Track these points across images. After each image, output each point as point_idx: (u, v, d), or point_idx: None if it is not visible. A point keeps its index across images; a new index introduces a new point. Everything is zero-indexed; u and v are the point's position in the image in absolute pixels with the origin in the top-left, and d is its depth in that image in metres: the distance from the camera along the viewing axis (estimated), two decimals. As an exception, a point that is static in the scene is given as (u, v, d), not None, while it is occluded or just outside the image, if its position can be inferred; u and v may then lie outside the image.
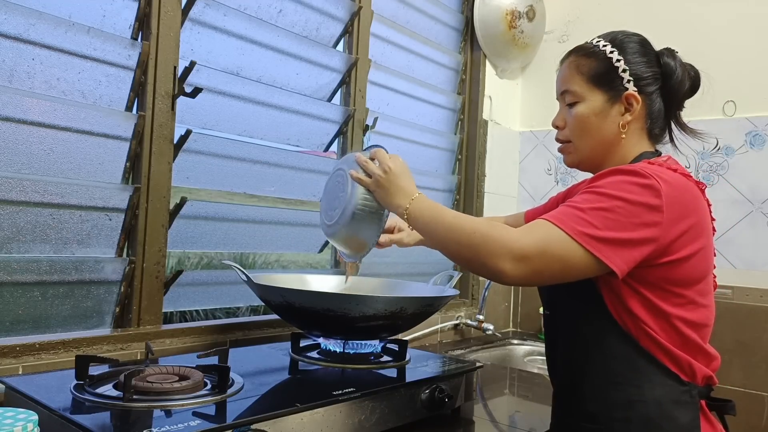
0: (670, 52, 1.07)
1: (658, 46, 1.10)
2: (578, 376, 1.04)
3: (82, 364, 0.95)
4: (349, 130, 1.77)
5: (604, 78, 1.05)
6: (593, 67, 1.06)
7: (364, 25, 1.81)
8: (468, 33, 2.28)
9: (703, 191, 1.01)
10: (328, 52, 1.71)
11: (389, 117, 1.92)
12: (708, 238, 0.99)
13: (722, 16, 2.03)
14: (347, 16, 1.77)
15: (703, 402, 1.00)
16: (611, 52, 1.05)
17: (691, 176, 1.01)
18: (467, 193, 2.27)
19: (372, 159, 1.12)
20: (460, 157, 2.27)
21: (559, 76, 1.12)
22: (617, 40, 1.06)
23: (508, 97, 2.44)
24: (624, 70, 1.03)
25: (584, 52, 1.08)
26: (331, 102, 1.76)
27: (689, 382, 0.98)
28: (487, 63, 2.31)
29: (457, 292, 1.37)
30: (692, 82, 1.07)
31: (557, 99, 1.13)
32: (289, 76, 1.63)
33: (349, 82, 1.78)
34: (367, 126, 1.81)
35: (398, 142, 2.00)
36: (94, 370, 0.97)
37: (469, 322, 2.12)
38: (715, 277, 1.05)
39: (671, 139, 1.11)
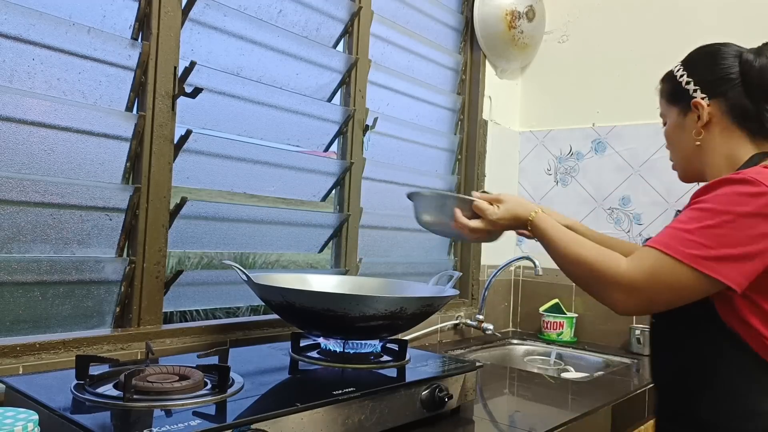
0: (757, 49, 1.06)
1: (657, 46, 1.10)
2: (691, 385, 1.03)
3: (82, 363, 0.95)
4: (349, 130, 1.77)
5: (675, 94, 1.12)
6: (667, 88, 1.15)
7: (364, 25, 1.81)
8: (468, 33, 2.28)
9: None
10: (328, 53, 1.71)
11: (389, 117, 1.93)
12: None
13: (721, 16, 2.04)
14: (347, 17, 1.77)
15: None
16: (677, 70, 1.13)
17: None
18: (467, 193, 2.27)
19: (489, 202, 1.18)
20: (459, 157, 2.27)
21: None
22: (687, 57, 1.14)
23: (508, 98, 2.44)
24: (687, 82, 1.09)
25: (663, 78, 1.18)
26: (331, 102, 1.76)
27: None
28: (487, 63, 2.31)
29: (457, 292, 1.37)
30: None
31: None
32: (289, 76, 1.63)
33: (349, 83, 1.78)
34: (367, 126, 1.81)
35: (398, 142, 2.00)
36: (95, 369, 0.97)
37: (468, 322, 2.12)
38: None
39: None
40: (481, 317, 2.12)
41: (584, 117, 2.31)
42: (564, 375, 1.88)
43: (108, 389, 0.92)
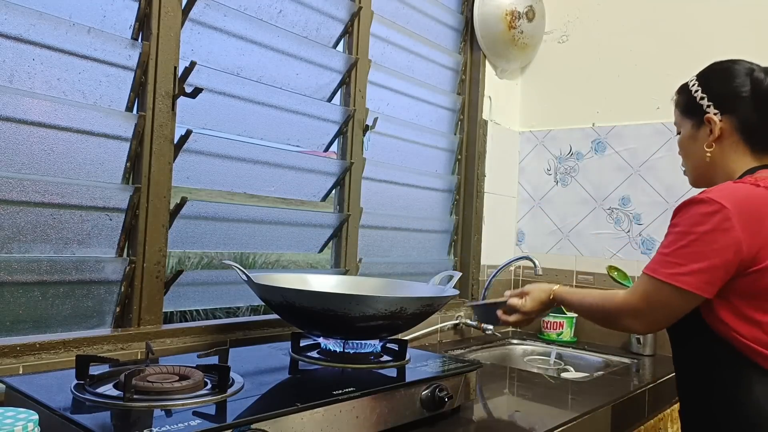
0: (766, 67, 1.17)
1: (657, 46, 1.12)
2: (688, 382, 1.19)
3: (82, 363, 0.95)
4: (349, 130, 1.78)
5: (689, 108, 1.21)
6: (682, 100, 1.24)
7: (364, 25, 1.81)
8: (468, 33, 2.28)
9: None
10: (328, 53, 1.71)
11: (389, 117, 1.93)
12: None
13: (720, 16, 2.04)
14: (347, 17, 1.77)
15: None
16: (693, 85, 1.21)
17: None
18: (467, 193, 2.27)
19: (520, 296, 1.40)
20: (459, 157, 2.27)
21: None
22: (702, 72, 1.22)
23: (508, 98, 2.44)
24: (702, 98, 1.18)
25: (678, 90, 1.26)
26: (331, 102, 1.76)
27: None
28: (487, 63, 2.31)
29: (457, 292, 1.37)
30: None
31: None
32: (289, 76, 1.63)
33: (349, 83, 1.78)
34: (367, 126, 1.81)
35: (398, 142, 2.00)
36: (95, 369, 0.97)
37: (468, 321, 2.12)
38: None
39: None
40: (481, 317, 2.12)
41: (584, 117, 2.31)
42: (564, 375, 1.88)
43: (108, 389, 0.92)
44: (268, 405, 0.91)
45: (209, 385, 0.96)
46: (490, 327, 2.08)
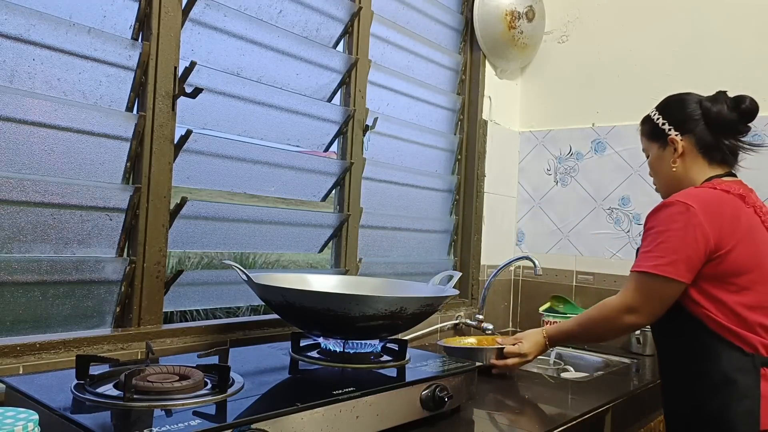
0: (714, 96, 1.38)
1: (657, 46, 1.15)
2: (665, 355, 1.38)
3: (82, 363, 0.95)
4: (349, 131, 1.78)
5: (654, 133, 1.43)
6: (647, 129, 1.47)
7: (364, 25, 1.81)
8: (467, 33, 2.28)
9: (745, 200, 1.31)
10: (328, 53, 1.71)
11: (389, 117, 1.93)
12: (746, 233, 1.26)
13: (720, 16, 2.04)
14: (347, 17, 1.77)
15: (766, 369, 1.24)
16: (654, 115, 1.44)
17: (730, 192, 1.30)
18: (467, 193, 2.27)
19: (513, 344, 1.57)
20: (459, 157, 2.27)
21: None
22: (660, 104, 1.45)
23: (508, 98, 2.44)
24: (663, 123, 1.41)
25: (643, 121, 1.48)
26: (331, 102, 1.76)
27: (751, 353, 1.23)
28: (487, 63, 2.31)
29: (457, 291, 1.37)
30: (740, 112, 1.36)
31: None
32: (290, 76, 1.63)
33: (349, 83, 1.78)
34: (367, 126, 1.81)
35: (398, 143, 2.00)
36: (95, 369, 0.98)
37: (468, 321, 2.12)
38: None
39: (730, 159, 1.38)
40: (481, 317, 2.12)
41: (584, 117, 2.31)
42: (564, 375, 1.88)
43: (108, 389, 0.92)
44: (268, 405, 0.91)
45: (209, 385, 0.96)
46: (490, 327, 2.09)
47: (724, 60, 2.02)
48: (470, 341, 1.80)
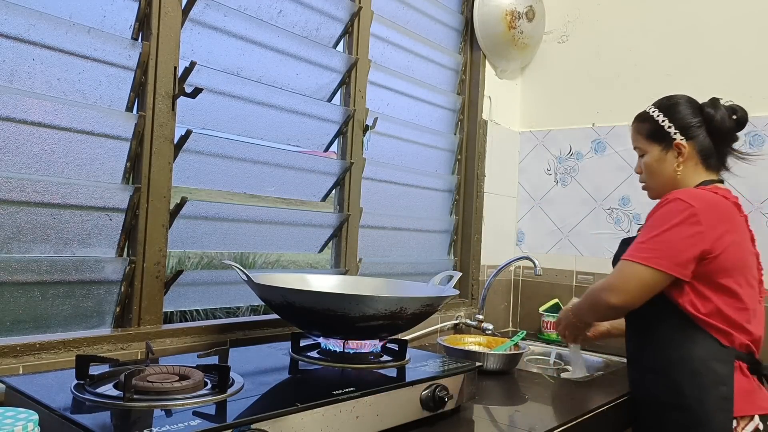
0: (712, 102, 1.42)
1: (657, 46, 1.14)
2: (644, 341, 1.42)
3: (82, 363, 0.95)
4: (349, 131, 1.78)
5: (657, 135, 1.44)
6: (646, 128, 1.47)
7: (364, 25, 1.81)
8: (468, 33, 2.28)
9: (738, 207, 1.38)
10: (328, 53, 1.71)
11: (389, 117, 1.93)
12: (738, 239, 1.34)
13: (719, 16, 2.04)
14: (347, 17, 1.77)
15: (742, 363, 1.33)
16: (656, 114, 1.44)
17: (728, 198, 1.37)
18: (467, 193, 2.27)
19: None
20: (459, 157, 2.27)
21: (631, 135, 1.53)
22: (662, 105, 1.46)
23: (508, 98, 2.44)
24: (669, 126, 1.42)
25: (641, 119, 1.49)
26: (331, 102, 1.76)
27: (728, 346, 1.32)
28: (487, 63, 2.31)
29: (457, 291, 1.37)
30: (736, 120, 1.42)
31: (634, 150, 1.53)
32: (290, 76, 1.63)
33: (349, 83, 1.78)
34: (367, 126, 1.81)
35: (398, 143, 2.00)
36: (95, 369, 0.97)
37: (468, 321, 2.12)
38: (762, 286, 1.42)
39: (724, 166, 1.45)
40: (481, 317, 2.12)
41: (584, 117, 2.31)
42: (564, 375, 1.88)
43: (108, 389, 0.92)
44: (268, 405, 0.91)
45: (209, 385, 0.96)
46: (490, 327, 2.08)
47: (724, 60, 2.02)
48: (477, 341, 1.83)
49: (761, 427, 1.31)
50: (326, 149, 1.75)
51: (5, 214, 1.12)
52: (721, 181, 1.45)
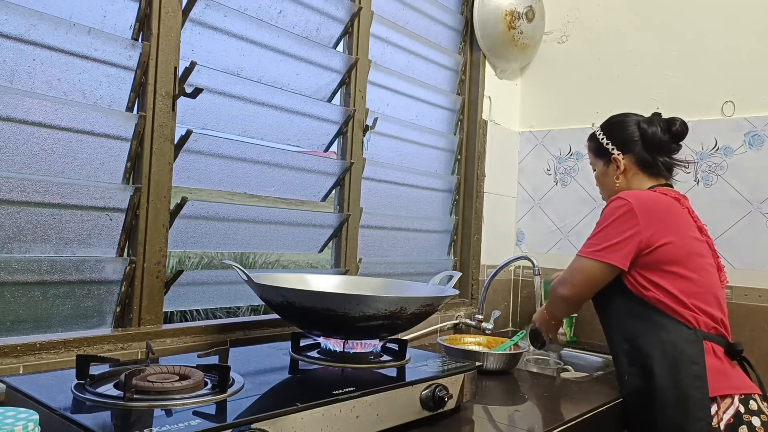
0: (649, 119, 1.58)
1: (657, 46, 1.14)
2: (617, 335, 1.51)
3: (82, 363, 0.95)
4: (349, 131, 1.78)
5: (599, 151, 1.62)
6: (593, 146, 1.65)
7: (364, 25, 1.81)
8: (467, 33, 2.28)
9: (680, 202, 1.49)
10: (328, 53, 1.71)
11: (389, 117, 1.93)
12: (679, 229, 1.44)
13: (719, 16, 2.04)
14: (347, 17, 1.77)
15: (715, 345, 1.40)
16: (599, 134, 1.62)
17: (668, 195, 1.49)
18: (466, 193, 2.27)
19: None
20: (459, 157, 2.27)
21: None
22: (604, 124, 1.64)
23: (508, 98, 2.44)
24: (607, 143, 1.59)
25: (589, 138, 1.66)
26: (331, 102, 1.76)
27: (694, 328, 1.40)
28: (487, 63, 2.31)
29: (457, 291, 1.37)
30: (672, 133, 1.55)
31: None
32: (290, 76, 1.63)
33: (349, 83, 1.78)
34: (367, 126, 1.81)
35: (398, 143, 2.00)
36: (95, 369, 0.98)
37: (468, 321, 2.12)
38: (723, 272, 1.52)
39: (665, 174, 1.58)
40: (480, 317, 2.12)
41: (584, 117, 2.31)
42: (564, 375, 1.88)
43: (108, 389, 0.92)
44: (268, 405, 0.91)
45: (209, 385, 0.96)
46: (490, 327, 2.09)
47: (723, 60, 2.02)
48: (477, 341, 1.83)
49: (742, 409, 1.35)
50: (326, 149, 1.75)
51: (6, 214, 1.12)
52: (669, 185, 1.56)
